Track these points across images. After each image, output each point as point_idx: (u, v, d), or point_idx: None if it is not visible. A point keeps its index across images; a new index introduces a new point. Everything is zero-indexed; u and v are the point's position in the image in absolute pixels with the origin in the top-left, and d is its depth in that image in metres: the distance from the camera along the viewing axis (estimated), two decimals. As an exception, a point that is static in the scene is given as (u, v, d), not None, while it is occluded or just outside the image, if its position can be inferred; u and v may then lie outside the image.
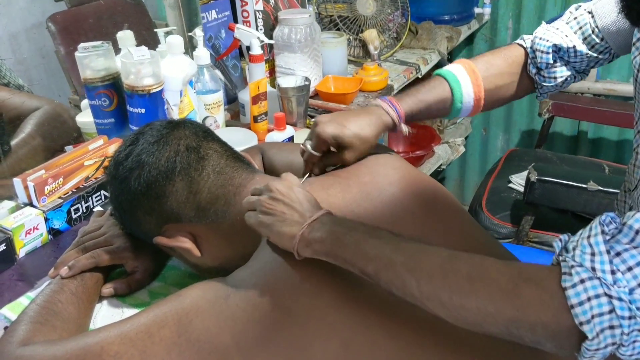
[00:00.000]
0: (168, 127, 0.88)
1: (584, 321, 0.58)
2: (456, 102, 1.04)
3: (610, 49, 1.05)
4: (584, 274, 0.59)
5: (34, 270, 1.03)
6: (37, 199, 1.10)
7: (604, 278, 0.58)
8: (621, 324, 0.57)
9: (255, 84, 1.44)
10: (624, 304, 0.57)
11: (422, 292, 0.66)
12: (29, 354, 0.73)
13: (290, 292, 0.73)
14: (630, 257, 0.59)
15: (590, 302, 0.58)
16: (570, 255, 0.61)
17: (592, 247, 0.60)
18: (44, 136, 1.35)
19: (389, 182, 0.90)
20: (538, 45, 1.07)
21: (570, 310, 0.58)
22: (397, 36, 2.10)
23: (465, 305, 0.63)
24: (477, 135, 2.82)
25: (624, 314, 0.57)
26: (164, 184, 0.84)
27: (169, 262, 1.02)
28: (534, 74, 1.10)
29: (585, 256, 0.60)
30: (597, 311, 0.58)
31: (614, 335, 0.58)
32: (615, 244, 0.60)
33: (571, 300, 0.58)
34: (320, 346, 0.70)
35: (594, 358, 0.60)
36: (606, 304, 0.57)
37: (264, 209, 0.78)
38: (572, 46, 1.05)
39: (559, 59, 1.07)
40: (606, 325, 0.58)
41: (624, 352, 0.59)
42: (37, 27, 2.43)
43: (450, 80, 1.04)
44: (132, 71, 1.23)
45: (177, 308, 0.74)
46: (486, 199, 1.93)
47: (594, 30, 1.04)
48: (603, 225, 0.61)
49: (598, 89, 2.45)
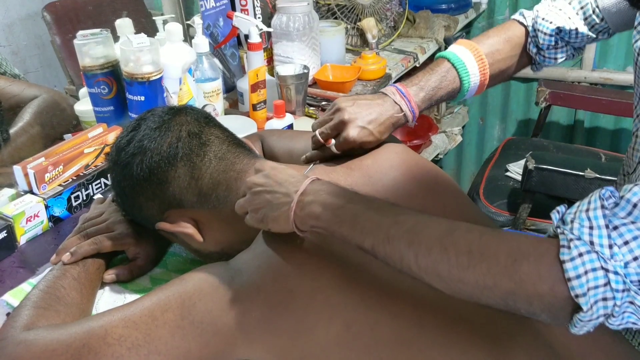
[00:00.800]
0: (170, 113, 0.89)
1: (580, 294, 0.59)
2: (463, 91, 1.06)
3: (608, 29, 1.05)
4: (582, 247, 0.59)
5: (35, 258, 1.03)
6: (37, 187, 1.10)
7: (602, 252, 0.59)
8: (614, 297, 0.58)
9: (254, 71, 1.43)
10: (619, 278, 0.58)
11: (420, 266, 0.66)
12: (32, 338, 0.74)
13: (292, 274, 0.74)
14: (627, 231, 0.59)
15: (587, 275, 0.58)
16: (568, 227, 0.62)
17: (591, 221, 0.60)
18: (42, 124, 1.34)
19: (391, 165, 0.90)
20: (540, 26, 1.07)
21: (567, 282, 0.59)
22: (395, 25, 2.10)
23: (464, 279, 0.64)
24: (474, 124, 2.83)
25: (618, 287, 0.58)
26: (166, 170, 0.84)
27: (170, 248, 1.03)
28: (534, 54, 1.10)
29: (584, 229, 0.60)
30: (592, 284, 0.58)
31: (607, 307, 0.59)
32: (613, 217, 0.60)
33: (568, 273, 0.59)
34: (323, 327, 0.71)
35: (585, 328, 0.61)
36: (602, 277, 0.58)
37: (252, 207, 0.78)
38: (575, 28, 1.05)
39: (560, 39, 1.08)
40: (600, 297, 0.59)
41: (613, 322, 0.60)
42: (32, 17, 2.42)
43: (459, 70, 1.04)
44: (131, 59, 1.23)
45: (180, 291, 0.74)
46: (483, 187, 1.94)
47: (595, 10, 1.04)
48: (603, 200, 0.61)
49: (595, 77, 2.46)
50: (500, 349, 0.72)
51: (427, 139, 2.43)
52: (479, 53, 1.05)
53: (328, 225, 0.71)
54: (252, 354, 0.73)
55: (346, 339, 0.71)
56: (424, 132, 2.42)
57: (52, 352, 0.71)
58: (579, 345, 0.77)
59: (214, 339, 0.72)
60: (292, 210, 0.73)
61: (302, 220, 0.73)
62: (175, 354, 0.72)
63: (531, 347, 0.74)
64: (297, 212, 0.73)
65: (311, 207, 0.72)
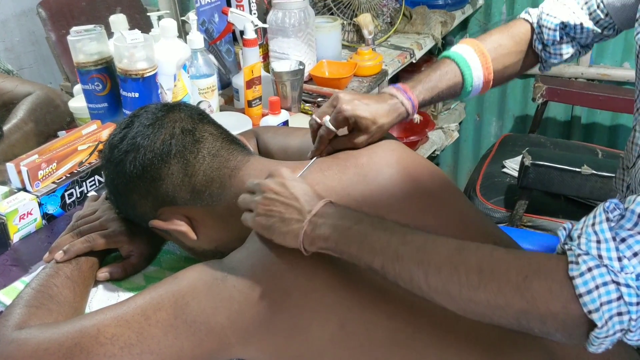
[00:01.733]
0: (163, 109, 0.88)
1: (593, 309, 0.58)
2: (467, 86, 1.04)
3: (614, 25, 1.04)
4: (590, 262, 0.59)
5: (28, 256, 1.02)
6: (30, 184, 1.09)
7: (611, 265, 0.58)
8: (629, 310, 0.57)
9: (250, 68, 1.43)
10: (632, 290, 0.57)
11: (430, 285, 0.65)
12: (24, 337, 0.73)
13: (287, 273, 0.73)
14: (635, 242, 0.58)
15: (598, 290, 0.57)
16: (575, 243, 0.61)
17: (598, 235, 0.60)
18: (36, 121, 1.33)
19: (386, 163, 0.90)
20: (545, 22, 1.06)
21: (578, 299, 0.58)
22: (391, 21, 2.09)
23: (475, 298, 0.63)
24: (470, 120, 2.82)
25: (631, 300, 0.57)
26: (159, 167, 0.84)
27: (164, 246, 1.02)
28: (540, 50, 1.09)
29: (591, 244, 0.60)
30: (605, 299, 0.57)
31: (622, 322, 0.58)
32: (620, 229, 0.60)
33: (579, 289, 0.58)
34: (318, 327, 0.71)
35: (602, 345, 0.60)
36: (614, 291, 0.57)
37: (261, 211, 0.76)
38: (580, 23, 1.04)
39: (565, 35, 1.07)
40: (614, 312, 0.57)
41: (632, 337, 0.59)
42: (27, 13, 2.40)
43: (461, 65, 1.03)
44: (125, 55, 1.22)
45: (173, 290, 0.74)
46: (480, 183, 1.93)
47: (599, 5, 1.03)
48: (607, 212, 0.61)
49: (592, 73, 2.45)
50: (495, 350, 0.72)
51: (423, 135, 2.42)
52: (479, 48, 1.05)
53: (337, 245, 0.70)
54: (246, 353, 0.73)
55: (341, 339, 0.70)
56: (421, 128, 2.41)
57: (44, 351, 0.71)
58: (575, 345, 0.77)
59: (207, 338, 0.71)
60: (303, 230, 0.72)
61: (311, 241, 0.72)
62: (168, 353, 0.71)
63: (526, 348, 0.74)
64: (308, 233, 0.72)
65: (321, 229, 0.71)
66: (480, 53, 1.04)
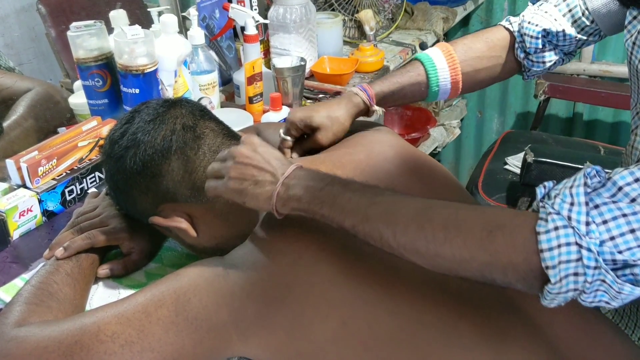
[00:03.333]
0: (164, 105, 0.87)
1: (550, 266, 0.60)
2: (432, 85, 1.06)
3: (599, 31, 1.05)
4: (559, 221, 0.60)
5: (28, 252, 1.02)
6: (30, 181, 1.08)
7: (578, 228, 0.60)
8: (586, 273, 0.59)
9: (251, 64, 1.42)
10: (592, 255, 0.59)
11: (398, 243, 0.67)
12: (24, 335, 0.72)
13: (289, 270, 0.73)
14: (608, 210, 0.60)
15: (559, 249, 0.60)
16: (550, 202, 0.62)
17: (573, 197, 0.61)
18: (36, 118, 1.33)
19: (384, 158, 0.89)
20: (527, 30, 1.07)
21: (540, 254, 0.60)
22: (393, 17, 2.08)
23: (441, 253, 0.65)
24: (472, 117, 2.81)
25: (590, 263, 0.59)
26: (159, 163, 0.83)
27: (165, 243, 1.01)
28: (522, 59, 1.10)
29: (564, 205, 0.61)
30: (564, 258, 0.60)
31: (577, 282, 0.60)
32: (596, 197, 0.61)
33: (542, 245, 0.60)
34: (320, 324, 0.70)
35: (555, 301, 0.63)
36: (575, 253, 0.59)
37: (233, 175, 0.77)
38: (562, 30, 1.05)
39: (548, 42, 1.07)
40: (571, 272, 0.60)
41: (585, 298, 0.62)
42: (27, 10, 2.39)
43: (425, 64, 1.06)
44: (125, 50, 1.21)
45: (174, 287, 0.73)
46: (482, 180, 1.93)
47: (584, 12, 1.03)
48: (587, 178, 0.62)
49: (594, 70, 2.44)
50: (499, 347, 0.71)
51: (425, 132, 2.41)
52: (448, 50, 1.06)
53: (309, 206, 0.72)
54: (247, 350, 0.72)
55: (343, 336, 0.70)
56: (422, 125, 2.40)
57: (43, 349, 0.70)
58: (579, 343, 0.76)
59: (208, 336, 0.71)
60: (277, 191, 0.73)
61: (284, 202, 0.73)
62: (169, 350, 0.71)
63: (531, 345, 0.73)
64: (281, 194, 0.73)
65: (294, 190, 0.73)
66: (448, 54, 1.06)
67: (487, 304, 0.75)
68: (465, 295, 0.75)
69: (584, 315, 0.81)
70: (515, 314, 0.76)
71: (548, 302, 0.63)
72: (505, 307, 0.76)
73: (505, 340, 0.72)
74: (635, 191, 0.60)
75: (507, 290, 0.78)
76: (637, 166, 0.61)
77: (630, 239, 0.59)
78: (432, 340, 0.70)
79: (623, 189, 0.60)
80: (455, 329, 0.72)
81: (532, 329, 0.75)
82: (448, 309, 0.73)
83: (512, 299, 0.78)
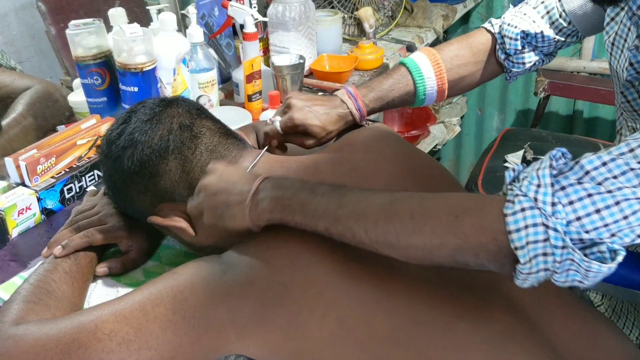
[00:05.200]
0: (161, 105, 0.87)
1: (519, 247, 0.62)
2: (419, 94, 1.08)
3: (577, 32, 1.07)
4: (526, 203, 0.62)
5: (27, 251, 1.02)
6: (29, 179, 1.09)
7: (544, 209, 0.61)
8: (554, 253, 0.61)
9: (250, 62, 1.42)
10: (559, 235, 0.61)
11: (371, 238, 0.69)
12: (21, 333, 0.73)
13: (286, 269, 0.73)
14: (574, 192, 0.61)
15: (527, 230, 0.61)
16: (518, 185, 0.64)
17: (539, 179, 0.63)
18: (35, 116, 1.33)
19: (383, 157, 0.89)
20: (507, 32, 1.09)
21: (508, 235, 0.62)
22: (393, 14, 2.08)
23: (412, 243, 0.67)
24: (472, 115, 2.81)
25: (557, 243, 0.61)
26: (157, 163, 0.83)
27: (163, 241, 1.01)
28: (503, 60, 1.12)
29: (531, 187, 0.63)
30: (532, 238, 0.61)
31: (547, 262, 0.62)
32: (563, 179, 0.63)
33: (510, 226, 0.62)
34: (317, 323, 0.70)
35: (527, 281, 0.64)
36: (542, 233, 0.61)
37: (207, 206, 0.80)
38: (540, 32, 1.07)
39: (527, 44, 1.09)
40: (540, 252, 0.61)
41: (558, 278, 0.63)
42: (26, 7, 2.39)
43: (413, 74, 1.07)
44: (124, 49, 1.21)
45: (172, 285, 0.73)
46: (482, 178, 1.92)
47: (562, 14, 1.05)
48: (552, 160, 0.64)
49: (594, 67, 2.44)
50: (497, 347, 0.71)
51: (425, 130, 2.41)
52: (435, 58, 1.07)
53: (282, 216, 0.74)
54: (244, 349, 0.73)
55: (340, 336, 0.70)
56: (422, 122, 2.40)
57: (41, 347, 0.71)
58: (578, 343, 0.77)
59: (205, 334, 0.71)
60: (248, 208, 0.75)
61: (258, 216, 0.76)
62: (166, 349, 0.71)
63: (529, 345, 0.73)
64: (253, 209, 0.75)
65: (264, 203, 0.75)
66: (436, 63, 1.07)
67: (485, 304, 0.75)
68: (464, 296, 0.75)
69: (583, 314, 0.81)
70: (513, 314, 0.76)
71: (521, 282, 0.65)
72: (504, 307, 0.76)
73: (504, 340, 0.72)
74: (602, 175, 0.61)
75: (506, 290, 0.78)
76: (605, 151, 0.63)
77: (596, 218, 0.61)
78: (429, 340, 0.70)
79: (590, 173, 0.62)
80: (453, 329, 0.72)
81: (531, 329, 0.75)
82: (446, 309, 0.73)
83: (510, 299, 0.78)
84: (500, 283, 0.78)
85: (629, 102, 0.96)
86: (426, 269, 0.74)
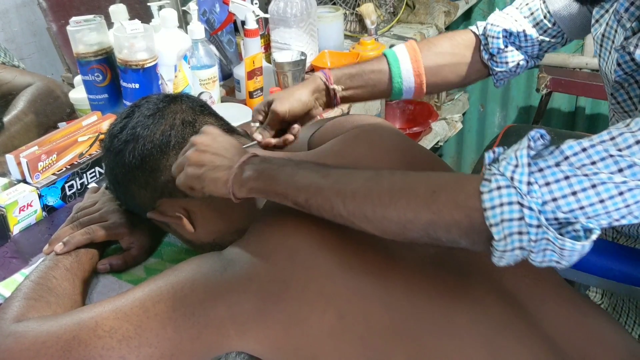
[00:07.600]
0: (165, 100, 0.87)
1: (494, 224, 0.62)
2: (395, 76, 1.07)
3: (563, 33, 1.07)
4: (502, 182, 0.62)
5: (28, 247, 1.02)
6: (30, 176, 1.08)
7: (520, 188, 0.62)
8: (529, 231, 0.62)
9: (251, 58, 1.42)
10: (534, 214, 0.61)
11: (348, 210, 0.70)
12: (22, 330, 0.72)
13: (286, 265, 0.73)
14: (552, 174, 0.62)
15: (502, 208, 0.62)
16: (496, 165, 0.64)
17: (517, 160, 0.63)
18: (36, 113, 1.33)
19: (385, 152, 0.89)
20: (489, 31, 1.09)
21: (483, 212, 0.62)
22: (394, 11, 2.07)
23: (387, 215, 0.67)
24: (474, 111, 2.81)
25: (532, 222, 0.61)
26: (158, 158, 0.83)
27: (165, 238, 1.01)
28: (487, 60, 1.11)
29: (509, 167, 0.63)
30: (507, 216, 0.62)
31: (522, 240, 0.62)
32: (542, 161, 0.63)
33: (485, 204, 0.62)
34: (317, 318, 0.70)
35: (503, 259, 0.65)
36: (517, 212, 0.61)
37: (192, 161, 0.79)
38: (522, 30, 1.06)
39: (511, 44, 1.09)
40: (515, 231, 0.62)
41: (535, 258, 0.64)
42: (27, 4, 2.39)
43: (388, 56, 1.08)
44: (125, 45, 1.21)
45: (172, 282, 0.73)
46: (484, 175, 1.92)
47: (546, 15, 1.05)
48: (530, 140, 0.64)
49: (596, 64, 2.42)
50: (496, 340, 0.71)
51: (427, 126, 2.41)
52: (412, 45, 1.08)
53: (264, 185, 0.75)
54: (245, 345, 0.72)
55: (340, 330, 0.70)
56: (424, 119, 2.40)
57: (41, 344, 0.70)
58: (577, 336, 0.76)
59: (206, 331, 0.71)
60: (233, 174, 0.76)
61: (240, 184, 0.76)
62: (166, 345, 0.71)
63: (528, 339, 0.73)
64: (237, 177, 0.76)
65: (249, 172, 0.76)
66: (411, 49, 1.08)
67: (484, 297, 0.75)
68: (462, 289, 0.75)
69: (582, 308, 0.81)
70: (512, 307, 0.76)
71: (497, 260, 0.65)
72: (502, 300, 0.76)
73: (502, 332, 0.72)
74: (581, 161, 0.62)
75: (505, 283, 0.78)
76: (587, 138, 0.63)
77: (572, 200, 0.61)
78: (429, 333, 0.70)
79: (569, 158, 0.62)
80: (451, 322, 0.72)
81: (529, 322, 0.75)
82: (445, 302, 0.73)
83: (509, 292, 0.78)
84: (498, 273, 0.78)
85: (619, 104, 0.96)
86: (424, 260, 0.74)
